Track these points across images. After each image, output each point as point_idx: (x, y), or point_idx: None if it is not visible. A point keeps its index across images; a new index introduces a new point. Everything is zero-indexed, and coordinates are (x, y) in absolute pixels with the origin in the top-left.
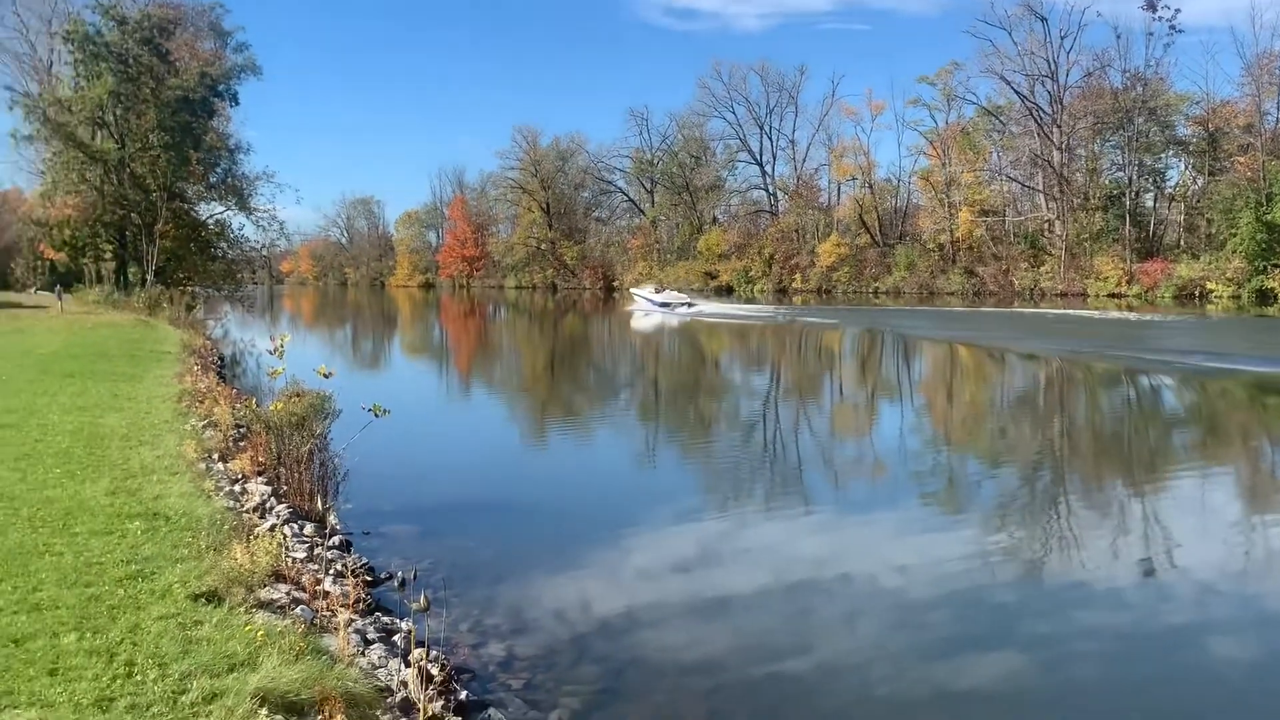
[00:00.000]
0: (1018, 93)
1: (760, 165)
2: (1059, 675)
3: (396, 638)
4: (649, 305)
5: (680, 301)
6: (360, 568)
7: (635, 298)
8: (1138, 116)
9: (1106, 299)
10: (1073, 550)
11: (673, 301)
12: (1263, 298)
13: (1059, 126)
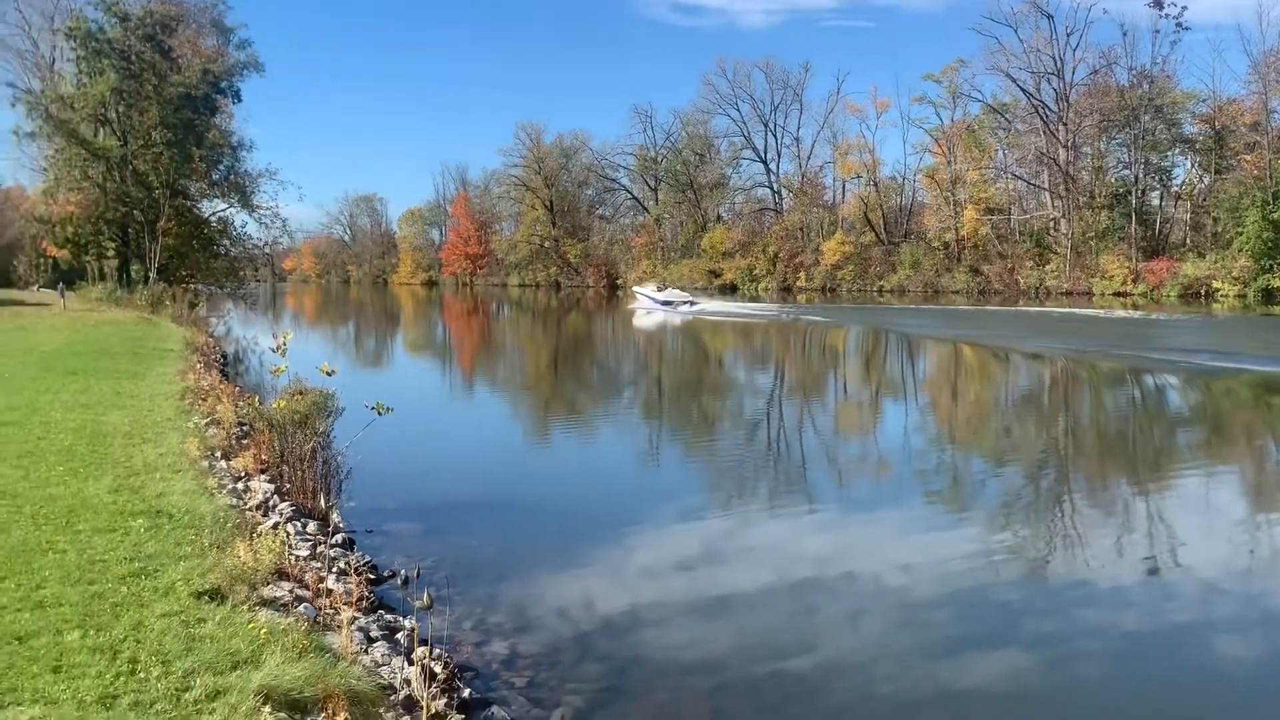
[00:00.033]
0: (1023, 90)
1: (765, 163)
2: (1063, 674)
3: (400, 635)
4: (651, 303)
5: (682, 300)
6: (363, 566)
7: (637, 296)
8: (1144, 114)
9: (1112, 298)
10: (1077, 549)
11: (674, 300)
12: (1269, 296)
13: (1065, 124)
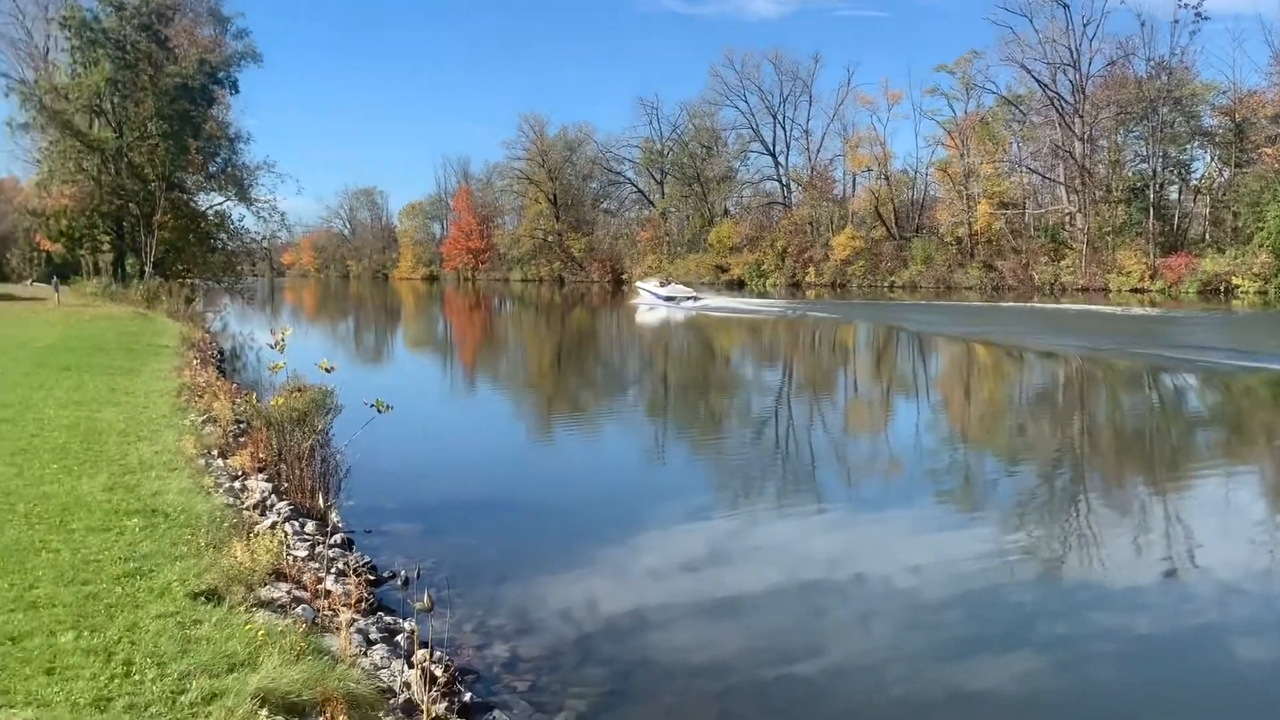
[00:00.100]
0: (1039, 82)
1: (773, 156)
2: (1076, 677)
3: (399, 638)
4: (654, 299)
5: (685, 295)
6: (362, 566)
7: (640, 291)
8: (1162, 106)
9: (1129, 294)
10: (1091, 550)
11: (678, 295)
12: None
13: (1081, 116)
